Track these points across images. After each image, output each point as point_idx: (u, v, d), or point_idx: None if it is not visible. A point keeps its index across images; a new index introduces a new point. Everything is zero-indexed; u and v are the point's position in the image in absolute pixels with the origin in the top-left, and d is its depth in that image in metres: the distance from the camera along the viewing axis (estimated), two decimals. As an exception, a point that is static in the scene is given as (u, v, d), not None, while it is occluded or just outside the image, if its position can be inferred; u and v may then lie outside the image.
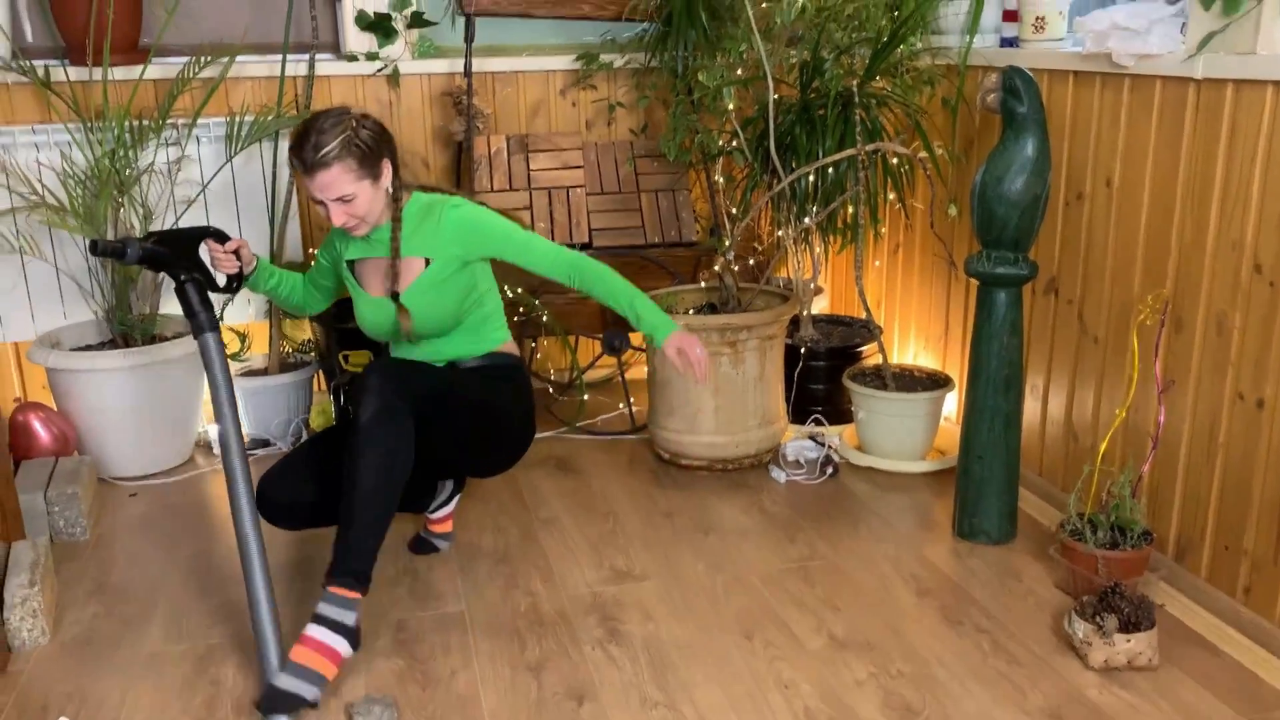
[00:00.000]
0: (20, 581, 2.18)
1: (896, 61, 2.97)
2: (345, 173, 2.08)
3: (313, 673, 1.94)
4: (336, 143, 2.06)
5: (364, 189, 2.11)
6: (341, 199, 2.10)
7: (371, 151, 2.11)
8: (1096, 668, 2.03)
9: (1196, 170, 2.17)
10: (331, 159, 2.06)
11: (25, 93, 3.11)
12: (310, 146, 2.06)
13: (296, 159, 2.09)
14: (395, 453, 2.00)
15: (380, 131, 2.15)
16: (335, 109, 2.13)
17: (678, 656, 2.11)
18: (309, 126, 2.09)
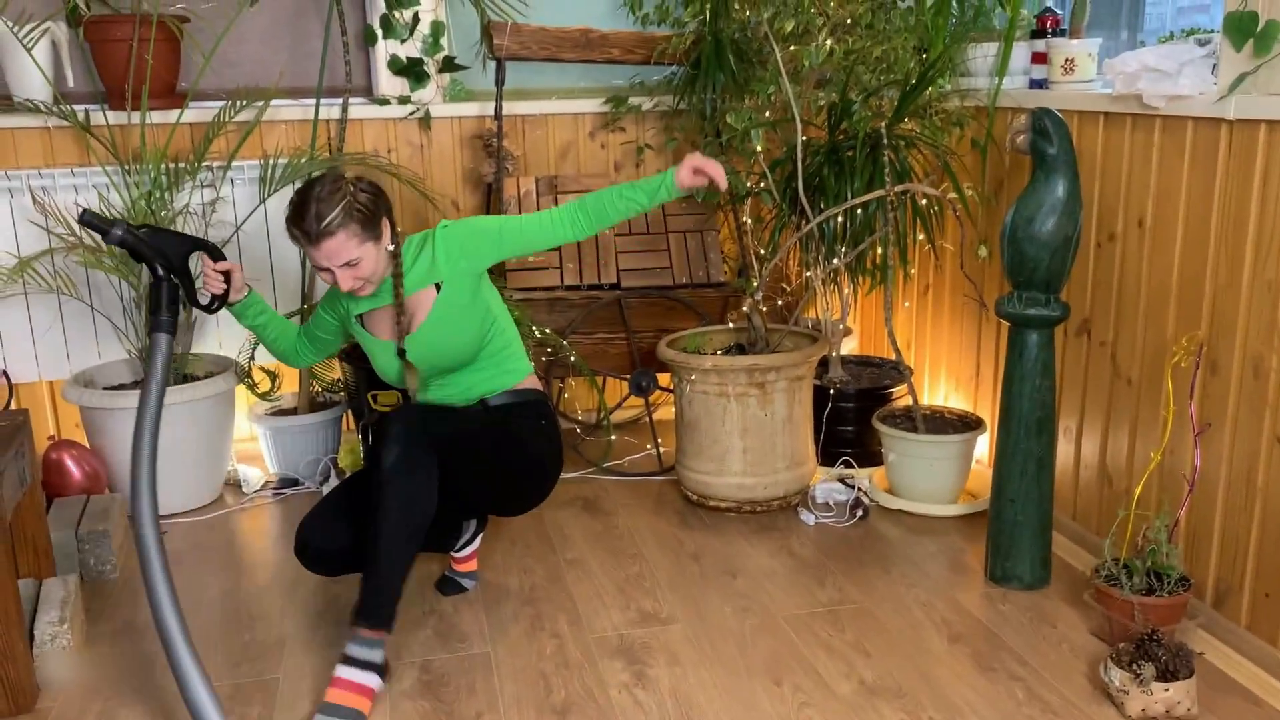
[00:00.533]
0: (50, 619, 2.19)
1: (925, 103, 2.98)
2: (349, 239, 2.09)
3: (350, 710, 1.97)
4: (338, 210, 2.07)
5: (368, 251, 2.13)
6: (348, 264, 2.12)
7: (372, 214, 2.13)
8: (1134, 717, 1.98)
9: (1230, 211, 2.15)
10: (335, 227, 2.07)
11: (65, 136, 3.18)
12: (312, 217, 2.07)
13: (299, 230, 2.10)
14: (416, 499, 2.03)
15: (377, 192, 2.17)
16: (327, 175, 2.15)
17: (705, 701, 2.08)
18: (306, 197, 2.10)
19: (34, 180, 3.08)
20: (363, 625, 2.03)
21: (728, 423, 2.87)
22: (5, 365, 3.16)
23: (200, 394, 2.98)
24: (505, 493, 2.33)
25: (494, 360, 2.33)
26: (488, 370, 2.33)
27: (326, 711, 1.97)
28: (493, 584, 2.60)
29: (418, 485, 2.03)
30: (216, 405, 3.06)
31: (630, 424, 3.75)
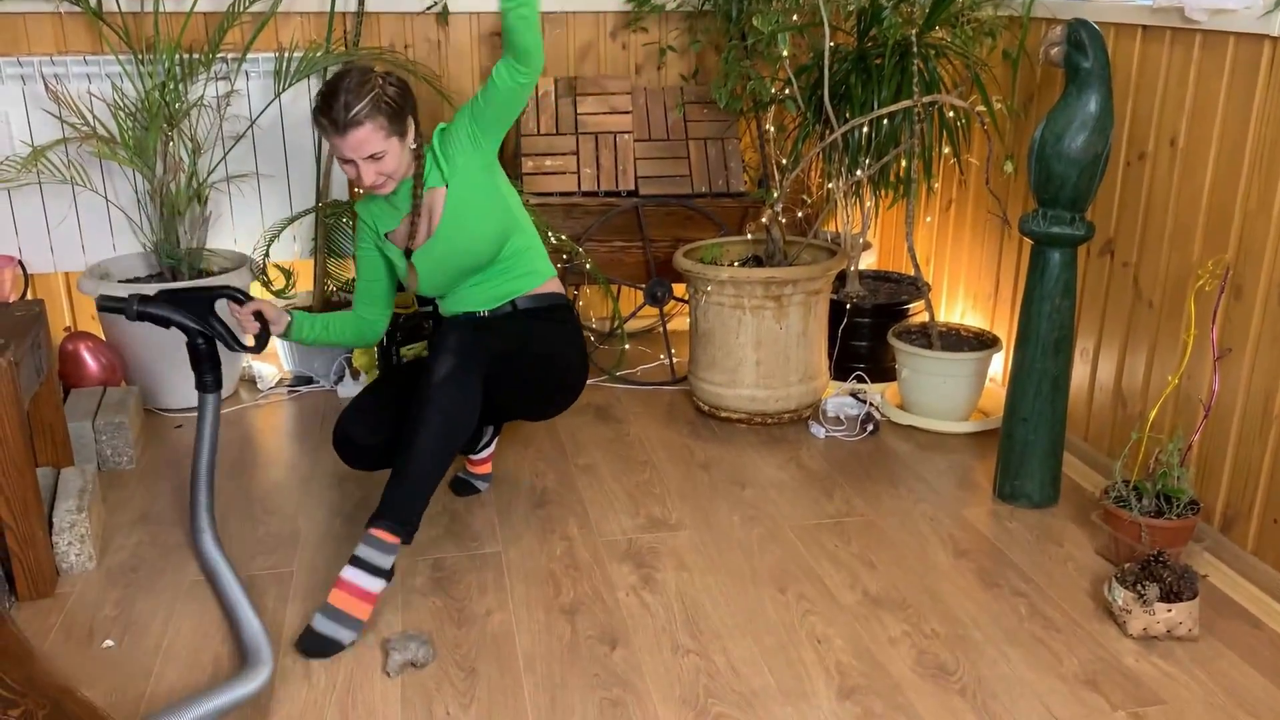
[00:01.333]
0: (69, 507, 2.23)
1: (957, 11, 2.89)
2: (376, 130, 2.09)
3: (349, 617, 1.98)
4: (367, 101, 2.07)
5: (393, 146, 2.13)
6: (372, 157, 2.11)
7: (399, 109, 2.12)
8: (1135, 636, 2.00)
9: (1267, 133, 2.10)
10: (363, 117, 2.07)
11: (77, 23, 3.12)
12: (341, 105, 2.07)
13: (326, 119, 2.09)
14: (458, 416, 2.02)
15: (404, 88, 2.16)
16: (357, 68, 2.13)
17: (710, 606, 2.12)
18: (336, 87, 2.09)
19: (46, 68, 3.03)
20: (381, 526, 2.00)
21: (742, 335, 2.86)
22: (21, 255, 3.16)
23: (215, 290, 2.98)
24: (537, 402, 2.36)
25: (518, 260, 2.32)
26: (513, 271, 2.32)
27: (327, 614, 1.97)
28: (506, 487, 2.63)
29: (463, 403, 2.02)
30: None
31: (644, 333, 3.75)
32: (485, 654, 1.97)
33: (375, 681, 1.89)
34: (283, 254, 3.33)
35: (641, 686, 1.88)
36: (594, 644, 2.00)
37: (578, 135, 3.31)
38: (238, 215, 3.33)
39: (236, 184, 3.29)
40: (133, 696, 1.85)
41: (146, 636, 2.03)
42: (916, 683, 1.88)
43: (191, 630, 2.05)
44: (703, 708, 1.82)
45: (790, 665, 1.93)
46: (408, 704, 1.83)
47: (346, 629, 1.97)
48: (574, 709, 1.82)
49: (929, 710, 1.81)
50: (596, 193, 3.28)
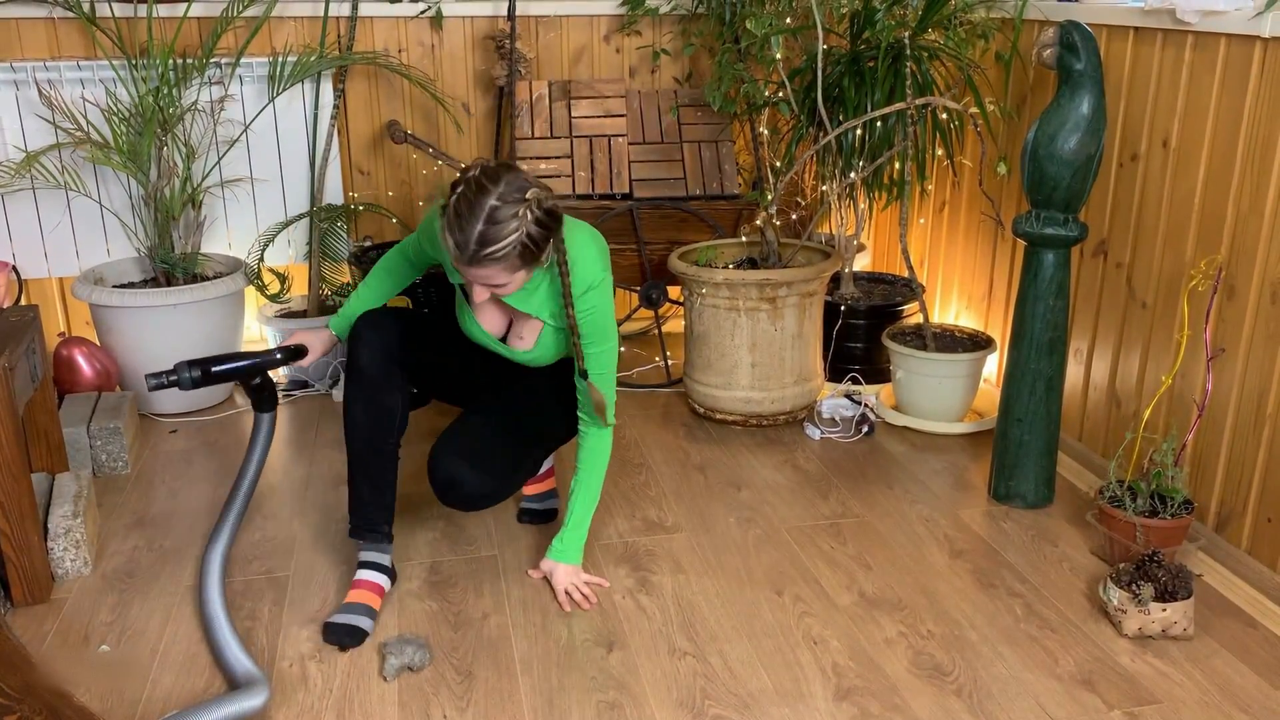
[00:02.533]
0: (64, 512, 2.23)
1: (950, 13, 2.90)
2: (504, 270, 1.86)
3: (365, 606, 2.07)
4: (508, 244, 1.81)
5: (518, 278, 1.91)
6: (491, 285, 1.91)
7: (539, 248, 1.87)
8: (1130, 635, 2.01)
9: (1259, 133, 2.11)
10: (496, 259, 1.82)
11: (71, 28, 3.12)
12: (475, 239, 1.80)
13: (453, 240, 1.82)
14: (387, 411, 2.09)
15: (551, 220, 1.88)
16: (511, 183, 1.82)
17: (707, 608, 2.12)
18: (477, 207, 1.79)
19: (40, 73, 3.03)
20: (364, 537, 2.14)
21: (737, 337, 2.87)
22: (15, 261, 3.16)
23: (210, 294, 2.98)
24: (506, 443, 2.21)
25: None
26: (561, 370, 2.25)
27: (345, 610, 2.05)
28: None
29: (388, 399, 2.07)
30: (226, 306, 3.06)
31: (639, 336, 3.75)
32: (482, 657, 1.97)
33: (372, 685, 1.89)
34: (277, 258, 3.33)
35: (638, 689, 1.88)
36: (591, 647, 2.00)
37: (572, 138, 3.32)
38: (232, 220, 3.33)
39: (231, 189, 3.29)
40: (129, 701, 1.85)
41: (142, 641, 2.02)
42: (913, 683, 1.89)
43: (187, 635, 2.04)
44: (700, 710, 1.82)
45: (787, 667, 1.94)
46: (405, 708, 1.83)
47: (364, 616, 2.05)
48: (571, 711, 1.82)
49: (925, 710, 1.81)
50: (591, 196, 3.29)
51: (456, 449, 2.05)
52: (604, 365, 2.08)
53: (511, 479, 2.11)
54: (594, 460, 2.14)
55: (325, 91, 3.28)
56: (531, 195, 1.83)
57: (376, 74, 3.39)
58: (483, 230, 1.79)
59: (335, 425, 3.02)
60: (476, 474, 2.04)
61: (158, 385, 2.03)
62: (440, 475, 2.04)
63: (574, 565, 2.16)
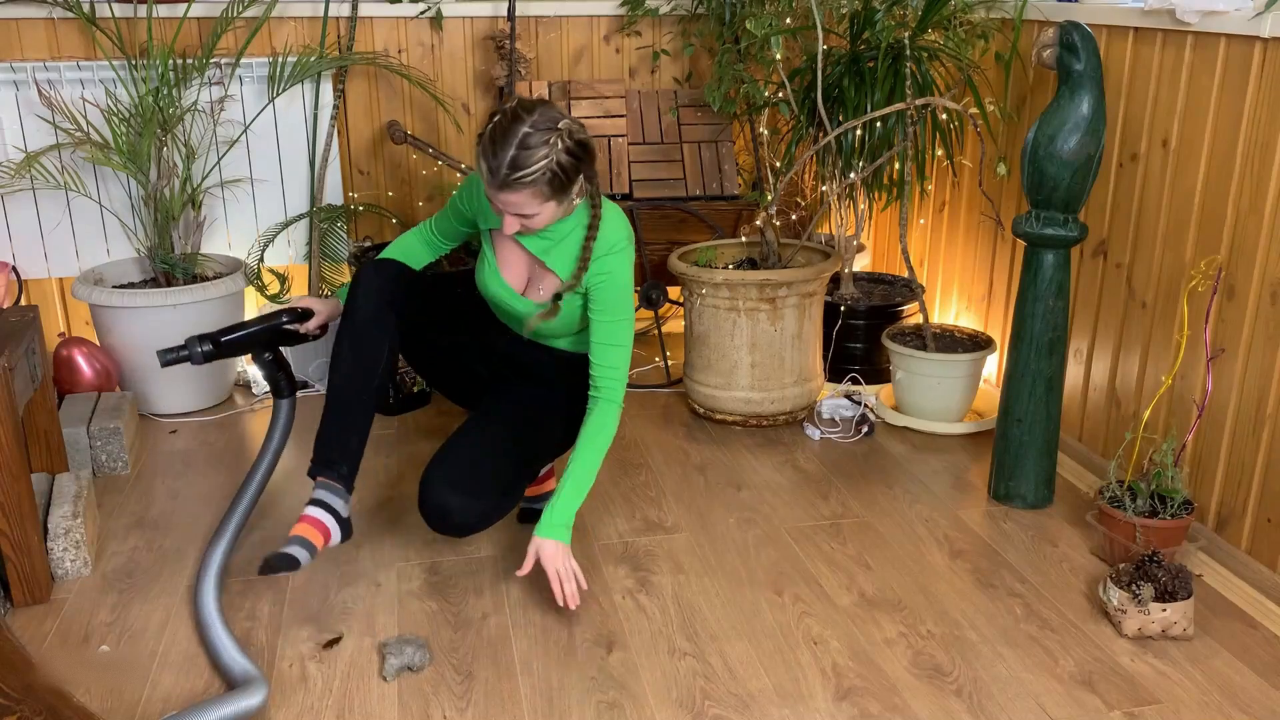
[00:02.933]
0: (64, 513, 2.22)
1: (950, 14, 2.90)
2: (534, 196, 1.90)
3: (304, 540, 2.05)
4: (535, 169, 1.86)
5: (548, 209, 1.94)
6: (521, 215, 1.95)
7: (569, 178, 1.92)
8: (1130, 636, 2.01)
9: (1258, 133, 2.11)
10: (526, 183, 1.87)
11: (70, 28, 3.12)
12: (505, 162, 1.85)
13: (486, 164, 1.88)
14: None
15: (583, 152, 1.93)
16: (544, 113, 1.89)
17: (707, 609, 2.12)
18: (509, 134, 1.86)
19: (39, 73, 3.03)
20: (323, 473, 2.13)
21: (737, 337, 2.87)
22: (15, 261, 3.16)
23: (210, 294, 2.98)
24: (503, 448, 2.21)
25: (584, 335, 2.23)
26: (575, 340, 2.24)
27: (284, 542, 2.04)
28: (500, 490, 2.63)
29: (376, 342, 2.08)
30: (226, 306, 3.05)
31: (639, 336, 3.75)
32: (482, 657, 1.97)
33: (372, 686, 1.89)
34: (277, 259, 3.33)
35: (638, 689, 1.88)
36: (591, 647, 2.00)
37: (572, 139, 3.31)
38: (232, 220, 3.33)
39: (231, 189, 3.29)
40: (128, 701, 1.85)
41: (142, 641, 2.02)
42: (912, 683, 1.89)
43: (187, 635, 2.04)
44: (699, 710, 1.82)
45: (787, 667, 1.94)
46: (404, 708, 1.83)
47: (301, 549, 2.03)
48: (571, 712, 1.82)
49: (925, 711, 1.81)
50: (591, 196, 3.28)
51: (446, 476, 2.02)
52: (615, 336, 2.07)
53: (502, 503, 2.08)
54: (597, 435, 2.06)
55: (325, 92, 3.28)
56: (564, 125, 1.90)
57: (376, 74, 3.39)
58: (515, 155, 1.85)
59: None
60: (468, 502, 2.00)
61: (170, 361, 2.04)
62: (430, 505, 2.01)
63: (563, 543, 2.03)
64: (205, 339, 2.08)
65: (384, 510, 2.51)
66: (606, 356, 2.07)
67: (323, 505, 2.09)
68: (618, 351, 2.08)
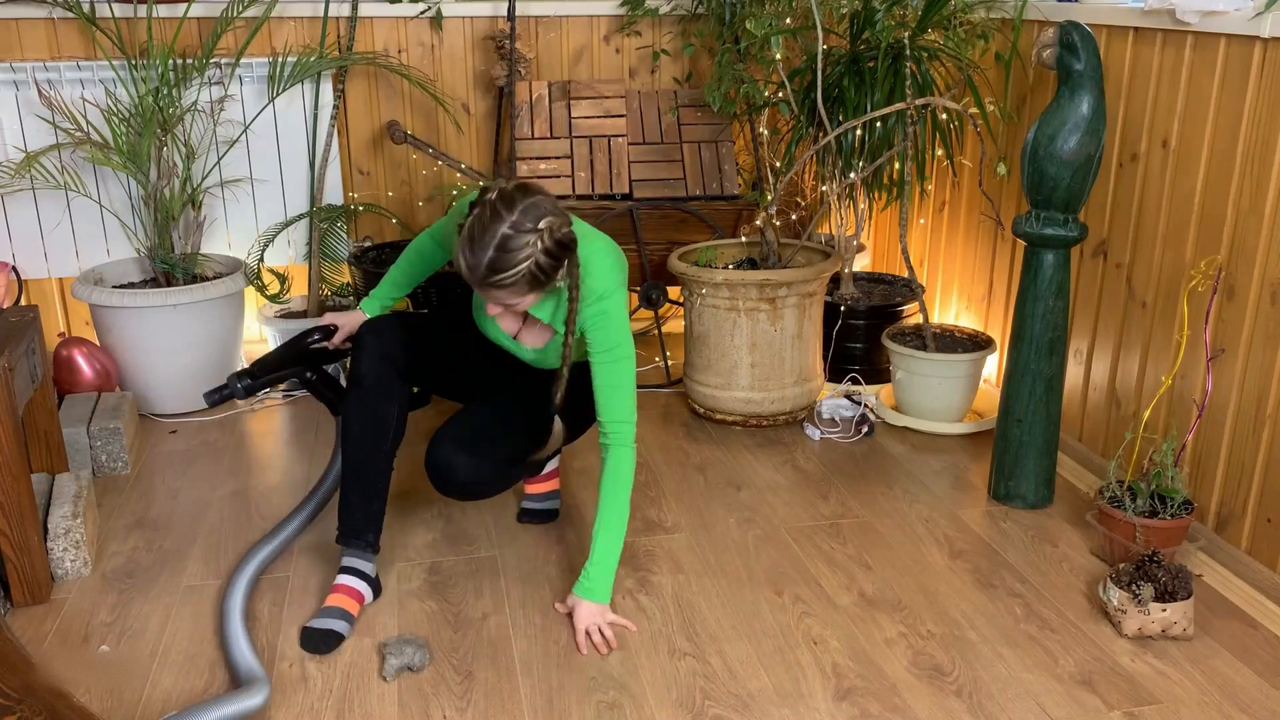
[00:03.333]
0: (64, 513, 2.22)
1: (950, 14, 2.90)
2: (514, 294, 1.89)
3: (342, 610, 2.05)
4: (516, 272, 1.83)
5: (529, 299, 1.94)
6: (503, 304, 1.94)
7: (549, 276, 1.89)
8: (1130, 636, 2.01)
9: (1259, 134, 2.11)
10: (505, 285, 1.85)
11: (70, 28, 3.12)
12: (486, 264, 1.82)
13: (464, 262, 1.84)
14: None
15: (563, 251, 1.88)
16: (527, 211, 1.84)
17: (707, 609, 2.12)
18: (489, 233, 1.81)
19: (39, 73, 3.03)
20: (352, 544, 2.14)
21: (737, 337, 2.87)
22: (15, 261, 3.16)
23: (210, 294, 2.98)
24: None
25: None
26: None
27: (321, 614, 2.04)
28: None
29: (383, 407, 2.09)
30: (226, 306, 3.05)
31: (639, 336, 3.75)
32: (482, 657, 1.97)
33: (372, 686, 1.89)
34: (277, 259, 3.33)
35: (638, 689, 1.88)
36: (590, 648, 2.00)
37: (572, 139, 3.32)
38: (232, 220, 3.33)
39: (230, 189, 3.29)
40: (128, 701, 1.85)
41: (142, 641, 2.02)
42: (912, 683, 1.89)
43: (187, 635, 2.04)
44: (699, 710, 1.82)
45: (787, 667, 1.94)
46: (404, 708, 1.83)
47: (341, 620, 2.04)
48: (570, 712, 1.82)
49: (925, 711, 1.81)
50: (591, 196, 3.29)
51: (453, 436, 2.06)
52: (616, 376, 2.03)
53: (508, 471, 2.11)
54: (616, 482, 2.03)
55: (325, 92, 3.28)
56: (545, 225, 1.84)
57: (376, 74, 3.39)
58: (493, 257, 1.82)
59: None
60: (471, 460, 2.03)
61: (216, 401, 2.08)
62: (435, 462, 2.04)
63: (600, 604, 2.02)
64: (244, 374, 2.12)
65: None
66: (612, 400, 2.03)
67: (353, 572, 2.12)
68: (621, 394, 2.04)
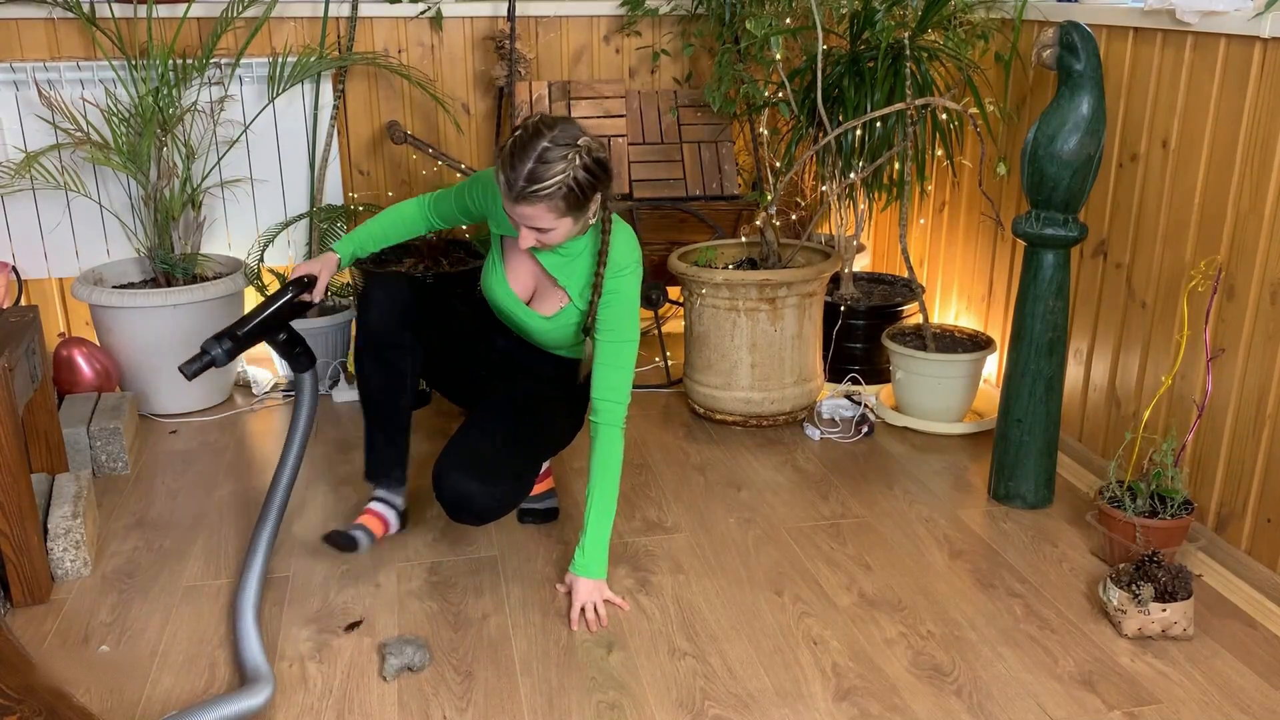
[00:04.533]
0: (64, 513, 2.22)
1: (950, 14, 2.90)
2: (550, 210, 1.92)
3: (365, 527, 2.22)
4: (553, 182, 1.88)
5: (563, 225, 1.96)
6: (538, 229, 1.96)
7: (585, 195, 1.93)
8: (1130, 636, 2.01)
9: (1258, 133, 2.11)
10: (541, 196, 1.89)
11: (70, 28, 3.12)
12: (523, 175, 1.88)
13: (504, 177, 1.90)
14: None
15: (600, 170, 1.95)
16: (565, 129, 1.91)
17: (707, 609, 2.12)
18: (528, 148, 1.88)
19: (39, 73, 3.03)
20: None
21: (737, 337, 2.87)
22: (15, 261, 3.16)
23: (210, 294, 2.98)
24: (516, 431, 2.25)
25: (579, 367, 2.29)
26: (575, 349, 2.29)
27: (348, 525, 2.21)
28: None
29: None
30: (226, 306, 3.05)
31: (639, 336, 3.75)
32: (482, 657, 1.97)
33: (372, 686, 1.89)
34: (277, 259, 3.33)
35: (638, 689, 1.88)
36: (591, 648, 2.00)
37: (572, 139, 3.31)
38: (232, 220, 3.33)
39: (230, 189, 3.29)
40: (128, 701, 1.85)
41: (142, 641, 2.02)
42: (912, 683, 1.89)
43: (187, 635, 2.04)
44: (699, 710, 1.82)
45: (787, 667, 1.94)
46: (404, 708, 1.83)
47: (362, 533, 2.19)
48: (570, 712, 1.82)
49: (925, 711, 1.81)
50: (591, 196, 3.28)
51: (460, 463, 2.02)
52: (618, 357, 2.10)
53: (518, 487, 2.10)
54: (606, 463, 2.09)
55: (325, 92, 3.28)
56: (584, 143, 1.92)
57: (376, 74, 3.39)
58: (533, 168, 1.87)
59: (334, 426, 3.02)
60: (485, 487, 2.01)
61: (196, 371, 1.99)
62: (448, 494, 2.01)
63: (597, 580, 2.09)
64: (222, 337, 2.01)
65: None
66: (608, 379, 2.08)
67: (382, 501, 2.28)
68: (619, 374, 2.10)
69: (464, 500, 2.01)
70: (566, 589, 2.15)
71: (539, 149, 1.88)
